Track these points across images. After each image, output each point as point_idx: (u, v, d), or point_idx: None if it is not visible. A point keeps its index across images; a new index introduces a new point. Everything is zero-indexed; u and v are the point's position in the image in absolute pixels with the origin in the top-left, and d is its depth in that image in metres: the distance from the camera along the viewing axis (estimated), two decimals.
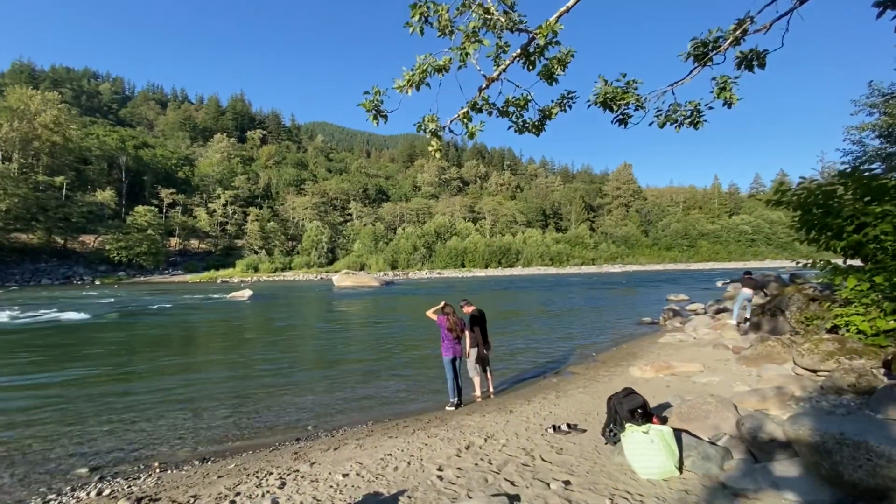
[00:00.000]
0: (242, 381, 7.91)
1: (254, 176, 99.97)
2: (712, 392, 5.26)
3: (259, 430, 5.55)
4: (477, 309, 6.86)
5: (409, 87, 5.03)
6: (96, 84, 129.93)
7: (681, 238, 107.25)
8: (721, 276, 48.23)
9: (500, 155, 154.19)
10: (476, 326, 6.67)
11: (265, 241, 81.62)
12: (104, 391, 7.29)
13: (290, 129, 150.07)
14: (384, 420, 5.75)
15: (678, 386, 5.72)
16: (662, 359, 7.58)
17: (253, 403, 6.59)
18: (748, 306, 10.06)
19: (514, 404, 5.67)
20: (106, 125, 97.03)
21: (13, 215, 58.34)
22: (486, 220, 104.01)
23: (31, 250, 61.88)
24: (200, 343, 12.75)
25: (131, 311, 21.41)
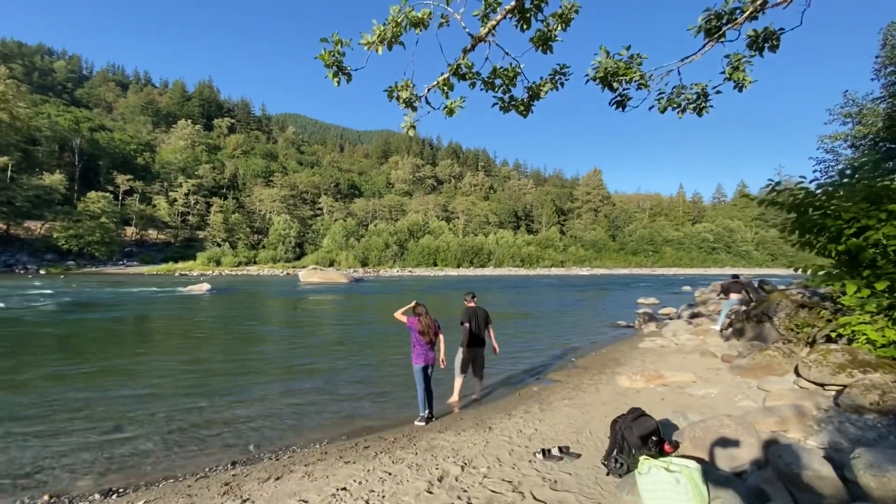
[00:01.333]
0: (180, 389, 6.86)
1: (219, 165, 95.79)
2: (712, 406, 4.74)
3: (190, 451, 4.61)
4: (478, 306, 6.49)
5: (379, 45, 4.24)
6: (50, 61, 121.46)
7: (646, 244, 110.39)
8: (685, 281, 49.54)
9: (475, 156, 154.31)
10: (468, 322, 6.17)
11: (229, 234, 78.25)
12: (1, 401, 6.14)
13: (261, 118, 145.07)
14: (341, 439, 4.90)
15: (674, 399, 5.18)
16: (648, 366, 7.09)
17: (188, 417, 5.61)
18: (731, 311, 9.82)
19: (494, 419, 4.98)
20: (59, 105, 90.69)
21: None
22: (460, 219, 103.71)
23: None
24: (139, 343, 11.40)
25: (70, 304, 19.53)
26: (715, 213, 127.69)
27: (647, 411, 4.76)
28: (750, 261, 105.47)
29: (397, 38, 4.20)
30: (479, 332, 6.22)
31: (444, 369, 5.77)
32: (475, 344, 6.16)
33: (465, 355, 6.15)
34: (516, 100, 4.97)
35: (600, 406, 5.15)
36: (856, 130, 14.33)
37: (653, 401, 5.18)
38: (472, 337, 6.12)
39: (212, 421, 5.51)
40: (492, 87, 4.80)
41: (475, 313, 6.26)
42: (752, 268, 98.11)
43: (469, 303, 6.41)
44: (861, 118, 14.02)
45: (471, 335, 6.11)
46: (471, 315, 6.21)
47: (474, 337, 6.14)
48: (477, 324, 6.19)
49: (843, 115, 14.73)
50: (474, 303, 6.45)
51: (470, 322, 6.14)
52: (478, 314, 6.28)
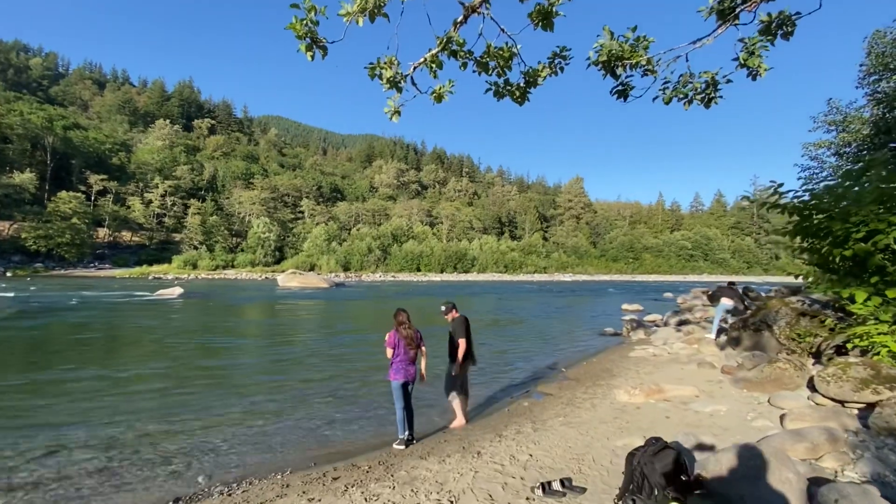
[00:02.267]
0: (124, 406, 6.05)
1: (198, 166, 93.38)
2: (725, 426, 4.30)
3: (127, 483, 3.93)
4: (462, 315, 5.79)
5: (359, 15, 3.71)
6: (26, 58, 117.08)
7: (626, 251, 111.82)
8: (666, 288, 50.02)
9: (459, 161, 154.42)
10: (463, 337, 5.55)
11: (206, 237, 76.04)
12: None
13: (242, 120, 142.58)
14: (308, 466, 4.27)
15: (680, 417, 4.73)
16: (645, 378, 6.66)
17: (135, 440, 4.91)
18: (728, 318, 9.49)
19: (482, 441, 4.44)
20: (33, 102, 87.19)
21: None
22: (444, 224, 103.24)
23: None
24: (94, 352, 10.40)
25: (24, 309, 18.28)
26: (693, 221, 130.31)
27: (654, 432, 4.31)
28: (727, 268, 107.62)
29: (380, 9, 3.68)
30: (471, 345, 5.64)
31: (424, 386, 5.18)
32: (466, 359, 5.57)
33: (457, 372, 5.50)
34: (511, 85, 4.50)
35: (599, 425, 4.66)
36: (840, 138, 14.37)
37: (656, 419, 4.73)
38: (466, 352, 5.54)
39: (158, 445, 4.81)
40: (485, 70, 4.31)
41: (467, 324, 5.64)
42: (729, 275, 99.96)
43: (453, 313, 5.68)
44: (846, 126, 14.07)
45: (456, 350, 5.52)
46: (465, 327, 5.58)
47: (467, 352, 5.53)
48: (469, 336, 5.59)
49: (827, 123, 14.79)
50: (457, 312, 5.76)
51: (467, 336, 5.53)
52: (468, 325, 5.67)
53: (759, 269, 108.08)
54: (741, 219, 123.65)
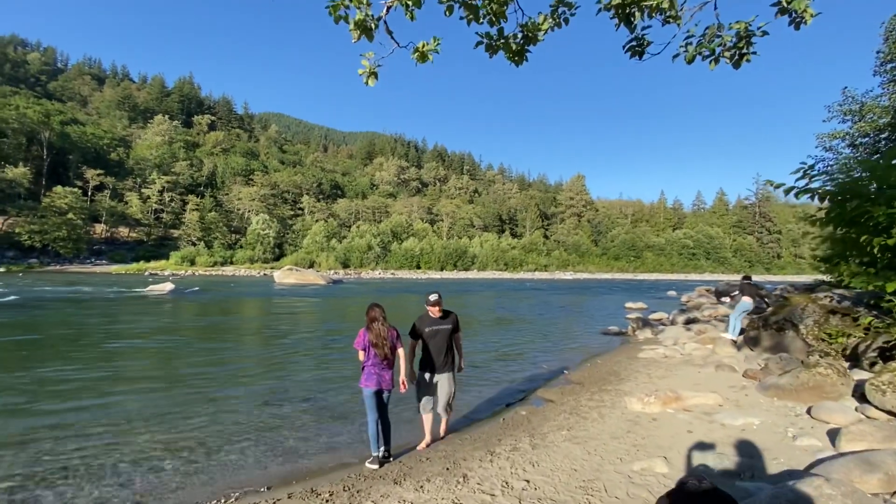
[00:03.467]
0: (59, 414, 5.34)
1: (197, 162, 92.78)
2: (763, 445, 3.59)
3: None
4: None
5: None
6: (24, 52, 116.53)
7: (628, 249, 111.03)
8: (668, 286, 49.35)
9: (460, 159, 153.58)
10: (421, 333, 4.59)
11: (205, 233, 75.52)
12: None
13: (243, 117, 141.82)
14: (259, 491, 3.60)
15: (704, 431, 4.03)
16: (658, 382, 5.97)
17: (54, 453, 4.22)
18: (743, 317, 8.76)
19: (471, 460, 3.74)
20: (30, 97, 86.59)
21: None
22: (444, 222, 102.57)
23: None
24: (56, 351, 9.62)
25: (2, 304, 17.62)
26: (695, 219, 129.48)
27: (677, 453, 3.63)
28: (728, 267, 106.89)
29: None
30: (440, 348, 4.56)
31: (405, 392, 4.43)
32: (430, 366, 4.57)
33: (419, 381, 4.63)
34: (507, 37, 3.82)
35: (610, 441, 3.97)
36: (856, 128, 13.64)
37: (677, 434, 4.03)
38: (426, 355, 4.58)
39: (87, 460, 4.09)
40: (475, 16, 3.62)
41: (434, 322, 4.61)
42: (731, 274, 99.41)
43: (432, 308, 4.60)
44: (862, 115, 13.33)
45: (425, 353, 4.58)
46: (426, 324, 4.59)
47: (428, 355, 4.56)
48: (437, 337, 4.56)
49: (842, 113, 14.07)
50: (439, 308, 4.63)
51: (422, 334, 4.57)
52: (441, 323, 4.63)
53: (761, 267, 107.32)
54: (743, 218, 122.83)
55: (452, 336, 4.70)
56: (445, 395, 4.58)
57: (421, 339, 4.62)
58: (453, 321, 4.73)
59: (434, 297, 4.59)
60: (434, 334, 4.58)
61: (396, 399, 4.70)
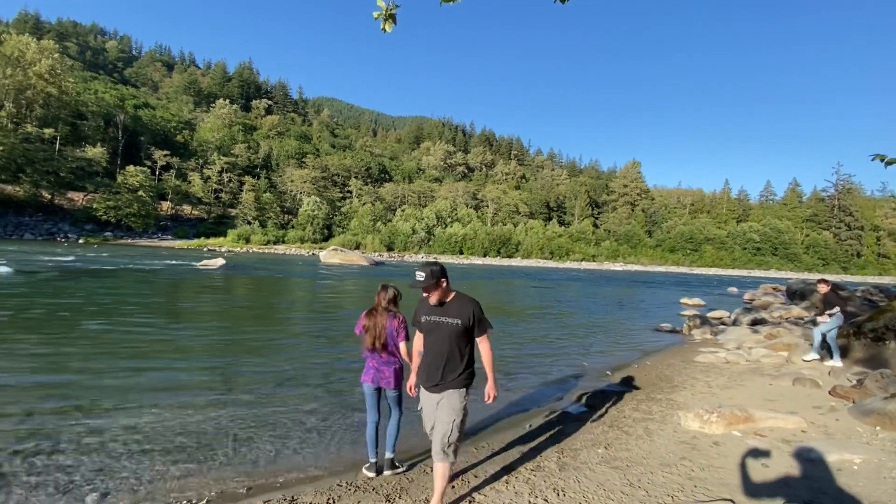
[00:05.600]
0: (32, 392, 5.27)
1: (254, 145, 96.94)
2: (870, 496, 2.73)
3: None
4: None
5: None
6: (103, 41, 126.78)
7: (685, 241, 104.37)
8: (729, 283, 45.89)
9: (508, 144, 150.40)
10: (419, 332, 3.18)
11: (260, 212, 78.97)
12: None
13: (297, 101, 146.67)
14: (239, 493, 3.20)
15: (785, 467, 3.19)
16: (717, 393, 5.07)
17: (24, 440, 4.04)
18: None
19: (482, 478, 3.15)
20: (108, 82, 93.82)
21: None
22: (489, 208, 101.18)
23: (16, 203, 59.48)
24: (70, 323, 9.88)
25: (66, 271, 18.89)
26: (762, 211, 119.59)
27: (741, 484, 2.85)
28: (798, 264, 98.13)
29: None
30: (437, 352, 2.97)
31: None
32: (422, 376, 3.09)
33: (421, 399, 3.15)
34: None
35: (659, 470, 3.23)
36: None
37: (748, 465, 3.23)
38: (428, 365, 3.04)
39: (43, 457, 3.87)
40: None
41: (432, 310, 3.01)
42: (801, 272, 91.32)
43: (441, 287, 2.95)
44: None
45: (427, 361, 3.06)
46: (422, 312, 3.08)
47: (422, 358, 3.11)
48: (435, 334, 3.00)
49: None
50: (440, 288, 2.93)
51: (419, 325, 3.12)
52: (442, 314, 2.98)
53: (837, 266, 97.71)
54: (819, 211, 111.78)
55: (465, 338, 2.94)
56: (441, 430, 2.88)
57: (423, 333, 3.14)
58: (468, 315, 2.90)
59: (420, 275, 2.86)
60: (431, 329, 2.99)
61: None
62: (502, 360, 7.65)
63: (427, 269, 2.88)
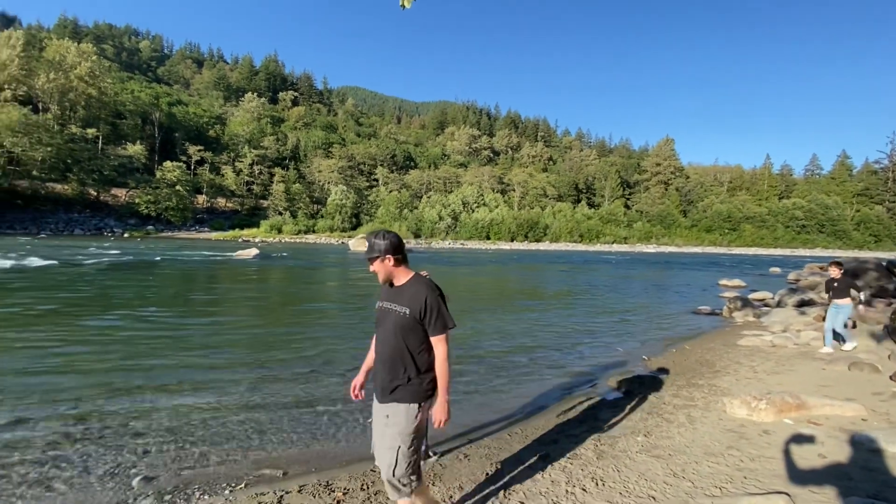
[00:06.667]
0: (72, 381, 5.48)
1: (282, 137, 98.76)
2: None
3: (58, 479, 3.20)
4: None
5: None
6: (136, 41, 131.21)
7: (723, 220, 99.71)
8: (771, 262, 43.77)
9: (535, 125, 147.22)
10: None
11: (290, 203, 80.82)
12: None
13: (322, 92, 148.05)
14: (276, 477, 3.23)
15: (845, 457, 2.97)
16: (764, 378, 4.80)
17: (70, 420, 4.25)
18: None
19: (518, 465, 3.07)
20: (143, 82, 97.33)
21: (48, 165, 59.37)
22: (516, 192, 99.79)
23: (65, 201, 62.88)
24: (86, 309, 10.36)
25: (108, 264, 19.87)
26: (807, 187, 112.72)
27: (796, 475, 2.65)
28: (848, 241, 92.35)
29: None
30: (383, 349, 2.28)
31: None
32: (377, 388, 2.31)
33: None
34: None
35: (704, 459, 3.07)
36: None
37: (802, 458, 3.02)
38: (376, 365, 2.37)
39: (105, 421, 4.07)
40: None
41: (386, 294, 2.35)
42: (850, 249, 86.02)
43: (401, 268, 2.31)
44: None
45: (375, 360, 2.38)
46: (381, 296, 2.38)
47: (379, 368, 2.32)
48: (383, 324, 2.29)
49: None
50: (384, 265, 2.25)
51: (376, 320, 2.38)
52: (392, 298, 2.29)
53: (891, 242, 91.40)
54: (871, 185, 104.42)
55: (417, 334, 2.19)
56: (383, 459, 2.17)
57: None
58: (420, 304, 2.16)
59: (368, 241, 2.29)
60: (381, 318, 2.31)
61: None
62: (531, 343, 7.53)
63: (371, 238, 2.24)
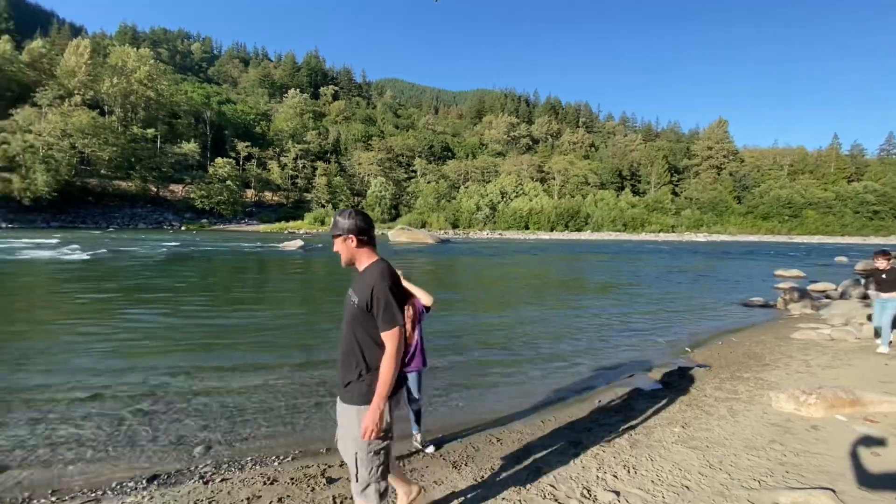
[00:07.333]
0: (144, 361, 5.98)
1: (324, 131, 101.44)
2: None
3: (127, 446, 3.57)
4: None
5: None
6: (188, 44, 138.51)
7: (782, 206, 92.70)
8: (835, 251, 40.56)
9: (576, 111, 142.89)
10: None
11: (332, 196, 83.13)
12: None
13: (361, 85, 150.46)
14: (320, 453, 3.46)
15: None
16: (818, 373, 4.55)
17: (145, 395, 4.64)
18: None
19: (549, 450, 3.12)
20: (195, 82, 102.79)
21: (114, 164, 64.22)
22: (556, 180, 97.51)
23: (129, 196, 67.73)
24: (143, 295, 11.26)
25: (168, 255, 21.39)
26: (882, 168, 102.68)
27: (845, 473, 2.54)
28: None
29: None
30: (341, 340, 2.12)
31: None
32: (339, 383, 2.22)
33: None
34: None
35: (744, 452, 2.99)
36: None
37: (853, 452, 2.87)
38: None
39: (158, 414, 4.43)
40: None
41: (353, 283, 2.19)
42: None
43: (367, 252, 2.15)
44: None
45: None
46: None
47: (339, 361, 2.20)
48: (345, 314, 2.14)
49: None
50: (344, 245, 2.11)
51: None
52: (353, 287, 2.13)
53: None
54: None
55: (368, 327, 2.00)
56: (346, 454, 2.05)
57: None
58: (367, 293, 1.98)
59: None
60: (344, 306, 2.15)
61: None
62: (570, 334, 7.46)
63: (336, 216, 2.08)
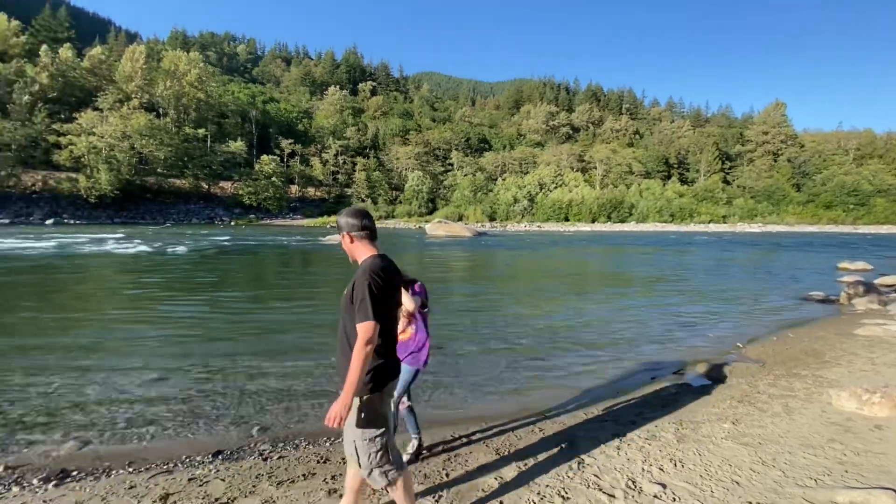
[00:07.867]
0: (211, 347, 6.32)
1: (362, 127, 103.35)
2: None
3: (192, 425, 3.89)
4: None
5: None
6: (234, 46, 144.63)
7: (847, 194, 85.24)
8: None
9: (619, 97, 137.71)
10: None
11: (371, 190, 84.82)
12: None
13: (398, 80, 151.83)
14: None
15: None
16: (883, 371, 4.26)
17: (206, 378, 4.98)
18: None
19: (593, 442, 3.11)
20: (240, 83, 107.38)
21: (169, 163, 68.40)
22: (597, 169, 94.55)
23: (183, 194, 71.92)
24: (202, 286, 11.91)
25: (219, 248, 22.69)
26: None
27: None
28: None
29: None
30: (338, 329, 2.20)
31: None
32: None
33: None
34: None
35: (800, 450, 2.87)
36: None
37: None
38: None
39: (218, 396, 4.75)
40: None
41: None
42: None
43: (366, 245, 2.17)
44: None
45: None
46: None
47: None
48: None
49: None
50: (343, 241, 2.18)
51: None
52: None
53: None
54: None
55: (349, 318, 1.98)
56: (346, 442, 2.11)
57: None
58: (351, 286, 2.00)
59: None
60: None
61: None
62: (615, 328, 7.32)
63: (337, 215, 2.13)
